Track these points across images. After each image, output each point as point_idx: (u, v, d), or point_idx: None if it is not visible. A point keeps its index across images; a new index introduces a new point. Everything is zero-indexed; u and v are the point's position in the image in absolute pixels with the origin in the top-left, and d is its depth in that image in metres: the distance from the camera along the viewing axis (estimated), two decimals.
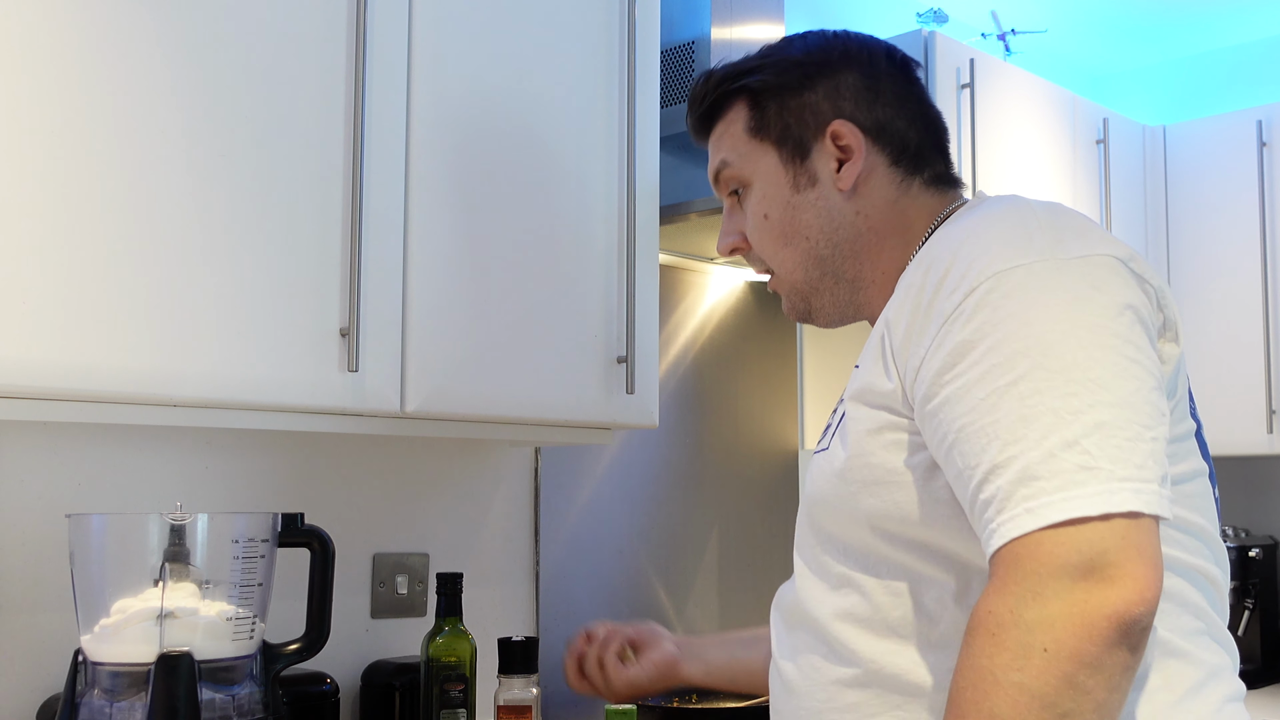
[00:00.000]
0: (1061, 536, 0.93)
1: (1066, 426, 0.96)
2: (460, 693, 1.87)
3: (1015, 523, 0.95)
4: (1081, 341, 0.99)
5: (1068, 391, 0.97)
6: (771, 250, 1.30)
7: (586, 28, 1.95)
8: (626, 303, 1.95)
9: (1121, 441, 0.96)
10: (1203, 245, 3.26)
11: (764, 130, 1.29)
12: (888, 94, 1.28)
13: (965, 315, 1.03)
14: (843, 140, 1.25)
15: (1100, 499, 0.94)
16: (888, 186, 1.26)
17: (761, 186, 1.29)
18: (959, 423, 1.01)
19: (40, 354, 1.37)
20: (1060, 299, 1.01)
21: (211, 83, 1.52)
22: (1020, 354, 0.99)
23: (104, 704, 1.38)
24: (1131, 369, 0.99)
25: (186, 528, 1.41)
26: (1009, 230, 1.07)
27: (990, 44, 3.19)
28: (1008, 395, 0.98)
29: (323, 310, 1.60)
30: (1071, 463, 0.95)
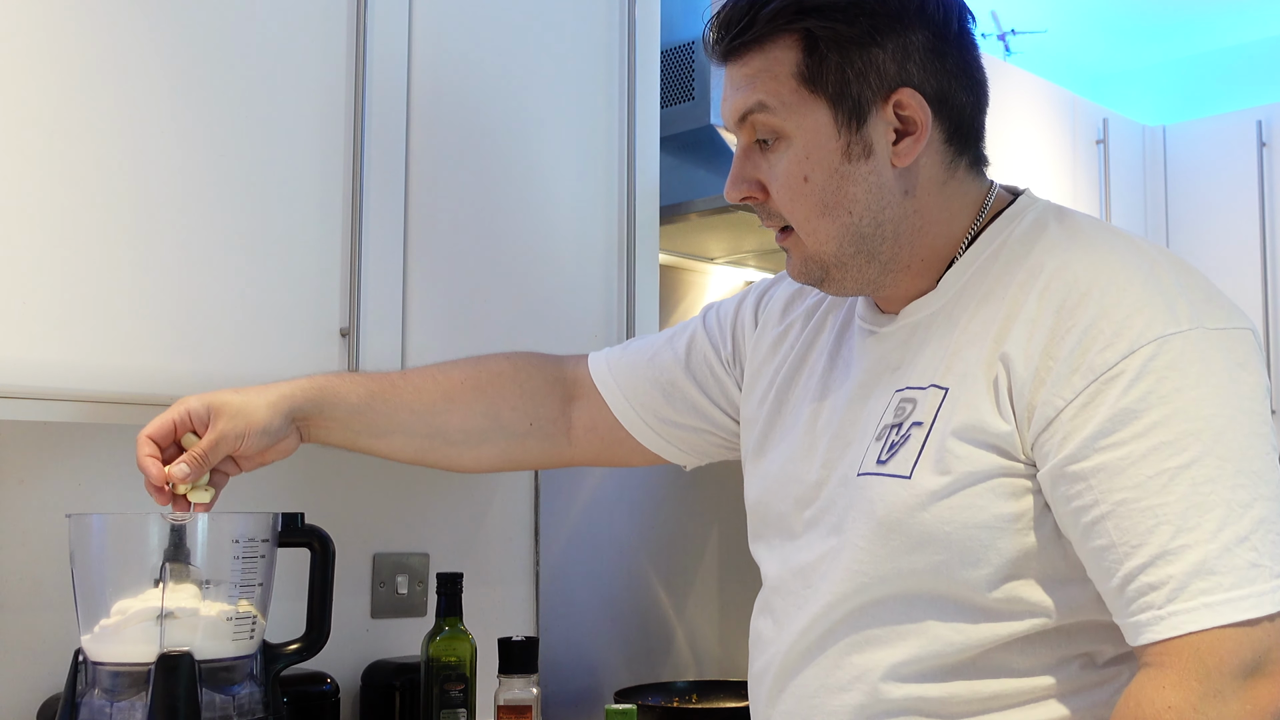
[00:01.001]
0: (1238, 635, 0.95)
1: (1238, 521, 0.97)
2: (460, 693, 1.87)
3: (1193, 616, 0.96)
4: (1243, 429, 0.99)
5: (1237, 483, 0.97)
6: (804, 215, 1.15)
7: (586, 28, 1.95)
8: (626, 303, 1.95)
9: (1276, 536, 0.98)
10: (1203, 245, 3.26)
11: (819, 82, 1.12)
12: (954, 60, 1.14)
13: (1126, 379, 1.00)
14: (905, 111, 1.12)
15: (1269, 598, 0.96)
16: (938, 167, 1.15)
17: (806, 146, 1.13)
18: (1119, 495, 0.99)
19: (40, 354, 1.37)
20: (1220, 380, 1.00)
21: (211, 82, 1.52)
22: (1191, 435, 0.98)
23: (104, 704, 1.38)
24: (1274, 458, 1.01)
25: (186, 528, 1.41)
26: (1148, 284, 1.04)
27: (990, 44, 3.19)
28: (1180, 478, 0.97)
29: (323, 310, 1.59)
30: (1244, 559, 0.96)
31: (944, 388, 1.11)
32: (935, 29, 1.13)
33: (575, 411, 1.47)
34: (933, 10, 1.13)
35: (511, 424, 1.44)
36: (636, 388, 1.43)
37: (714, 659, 2.54)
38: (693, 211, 2.23)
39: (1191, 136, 3.31)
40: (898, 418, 1.14)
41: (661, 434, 1.44)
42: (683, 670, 2.48)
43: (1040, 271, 1.09)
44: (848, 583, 1.15)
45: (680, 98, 2.38)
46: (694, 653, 2.51)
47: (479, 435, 1.44)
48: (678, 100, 2.37)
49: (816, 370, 1.27)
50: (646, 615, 2.45)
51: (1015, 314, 1.08)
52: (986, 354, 1.08)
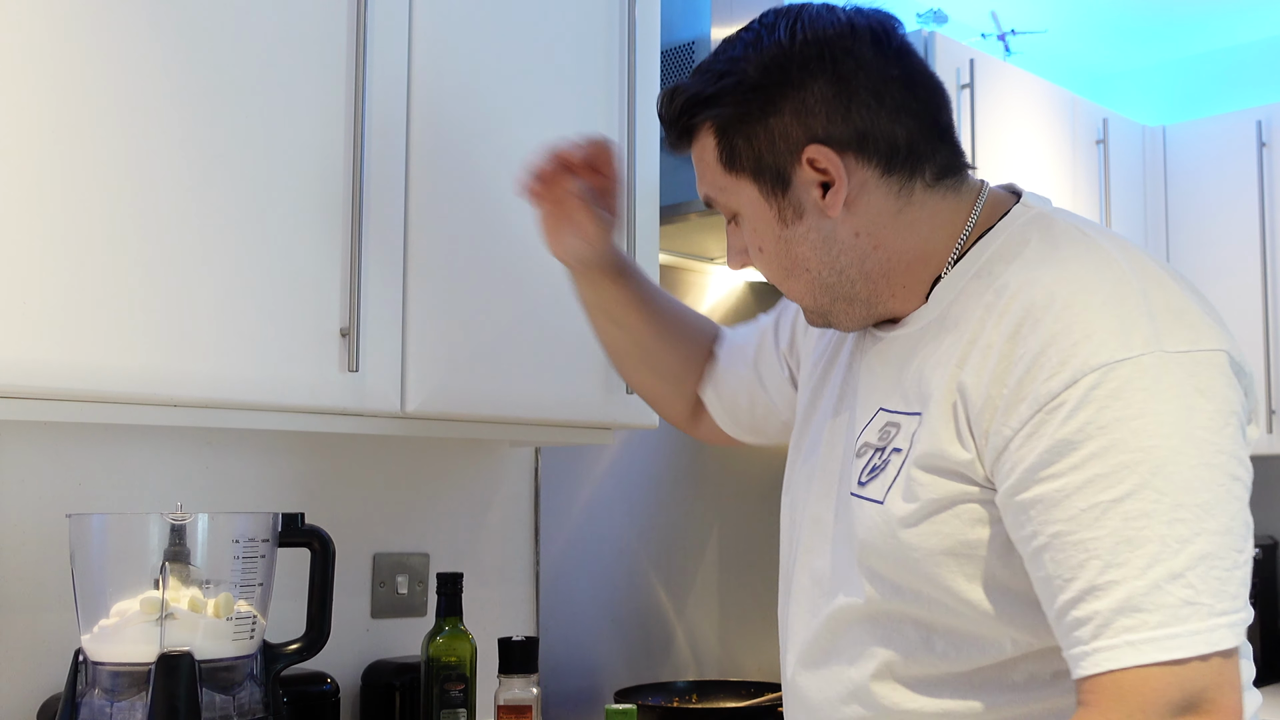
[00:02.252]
0: (1166, 674, 0.94)
1: (1173, 557, 0.94)
2: (460, 693, 1.87)
3: (1115, 654, 0.95)
4: (1189, 460, 0.96)
5: (1175, 517, 0.95)
6: (776, 279, 1.22)
7: (586, 28, 1.95)
8: None
9: (1221, 573, 0.95)
10: (1202, 245, 3.26)
11: (737, 164, 1.17)
12: (863, 93, 1.12)
13: (1067, 409, 0.98)
14: (820, 165, 1.13)
15: (1201, 638, 0.94)
16: (885, 198, 1.14)
17: (750, 220, 1.19)
18: (1054, 528, 0.99)
19: (40, 354, 1.37)
20: (1169, 407, 0.97)
21: (212, 82, 1.52)
22: (1128, 468, 0.96)
23: (104, 704, 1.38)
24: (1234, 489, 0.98)
25: (186, 528, 1.41)
26: (1108, 305, 1.01)
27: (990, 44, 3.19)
28: (1112, 512, 0.96)
29: (323, 310, 1.60)
30: (1176, 597, 0.94)
31: (919, 413, 1.12)
32: (829, 72, 1.12)
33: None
34: (818, 56, 1.13)
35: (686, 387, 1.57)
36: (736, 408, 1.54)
37: (714, 659, 2.54)
38: (693, 211, 2.23)
39: (1191, 136, 3.31)
40: (881, 440, 1.16)
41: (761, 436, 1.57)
42: (683, 670, 2.48)
43: (1004, 292, 1.08)
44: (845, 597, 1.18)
45: None
46: (694, 653, 2.51)
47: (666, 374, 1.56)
48: None
49: (840, 372, 1.30)
50: (646, 615, 2.45)
51: (975, 339, 1.08)
52: (947, 380, 1.09)
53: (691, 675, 2.48)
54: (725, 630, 2.57)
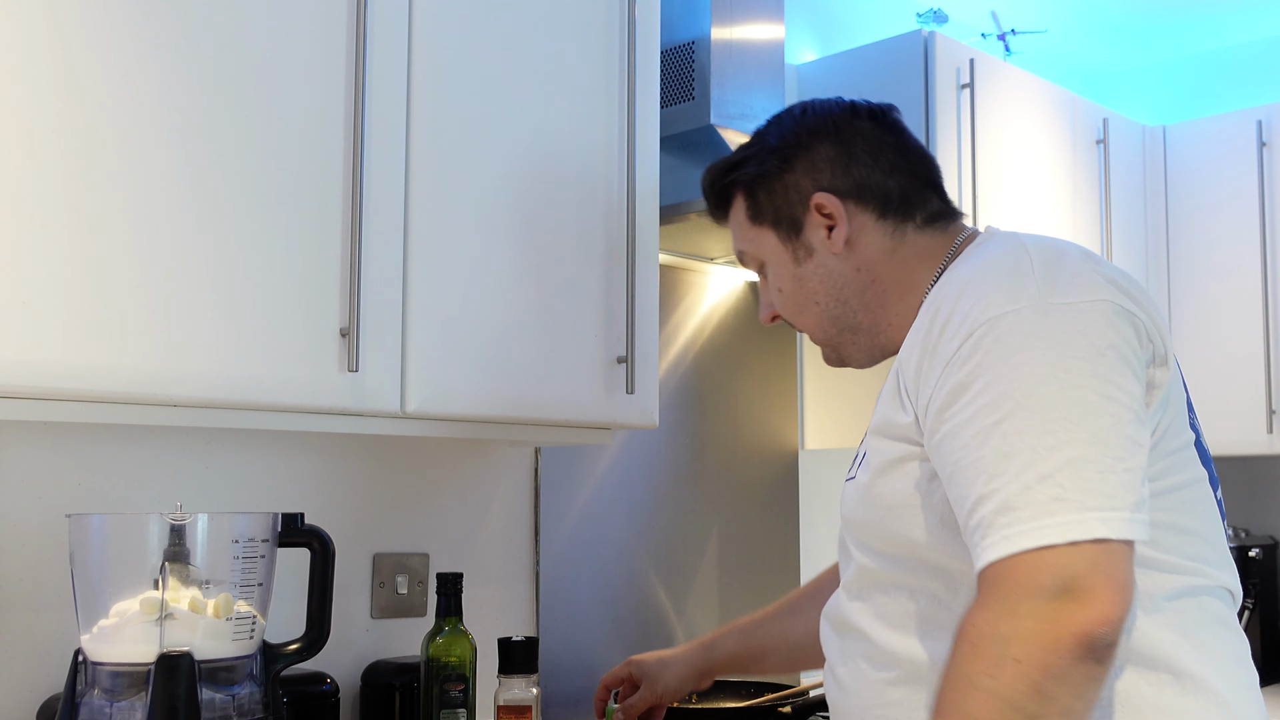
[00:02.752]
0: (1036, 560, 1.05)
1: (1043, 462, 1.07)
2: (460, 693, 1.87)
3: (995, 548, 1.07)
4: (1061, 383, 1.09)
5: (1045, 430, 1.08)
6: (793, 316, 1.45)
7: (586, 28, 1.95)
8: (626, 303, 1.95)
9: (1092, 474, 1.06)
10: (1203, 245, 3.26)
11: (760, 216, 1.43)
12: (860, 154, 1.39)
13: (962, 359, 1.14)
14: (826, 209, 1.38)
15: (1068, 528, 1.05)
16: (881, 239, 1.38)
17: (772, 265, 1.44)
18: (954, 457, 1.13)
19: (40, 354, 1.37)
20: (1043, 343, 1.11)
21: (211, 83, 1.52)
22: (1005, 396, 1.10)
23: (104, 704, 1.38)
24: (1108, 406, 1.09)
25: (186, 528, 1.41)
26: (1004, 276, 1.17)
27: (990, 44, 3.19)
28: (993, 434, 1.10)
29: (323, 310, 1.60)
30: (1045, 495, 1.06)
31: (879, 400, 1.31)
32: (833, 139, 1.40)
33: None
34: (824, 125, 1.41)
35: None
36: None
37: None
38: (693, 211, 2.23)
39: (1191, 136, 3.31)
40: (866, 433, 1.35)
41: None
42: None
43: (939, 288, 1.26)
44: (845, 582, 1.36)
45: (680, 98, 2.38)
46: None
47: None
48: (678, 100, 2.38)
49: None
50: (646, 615, 2.45)
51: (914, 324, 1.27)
52: (895, 363, 1.28)
53: None
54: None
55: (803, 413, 2.86)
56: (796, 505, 2.81)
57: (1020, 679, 1.02)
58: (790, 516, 2.80)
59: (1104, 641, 1.03)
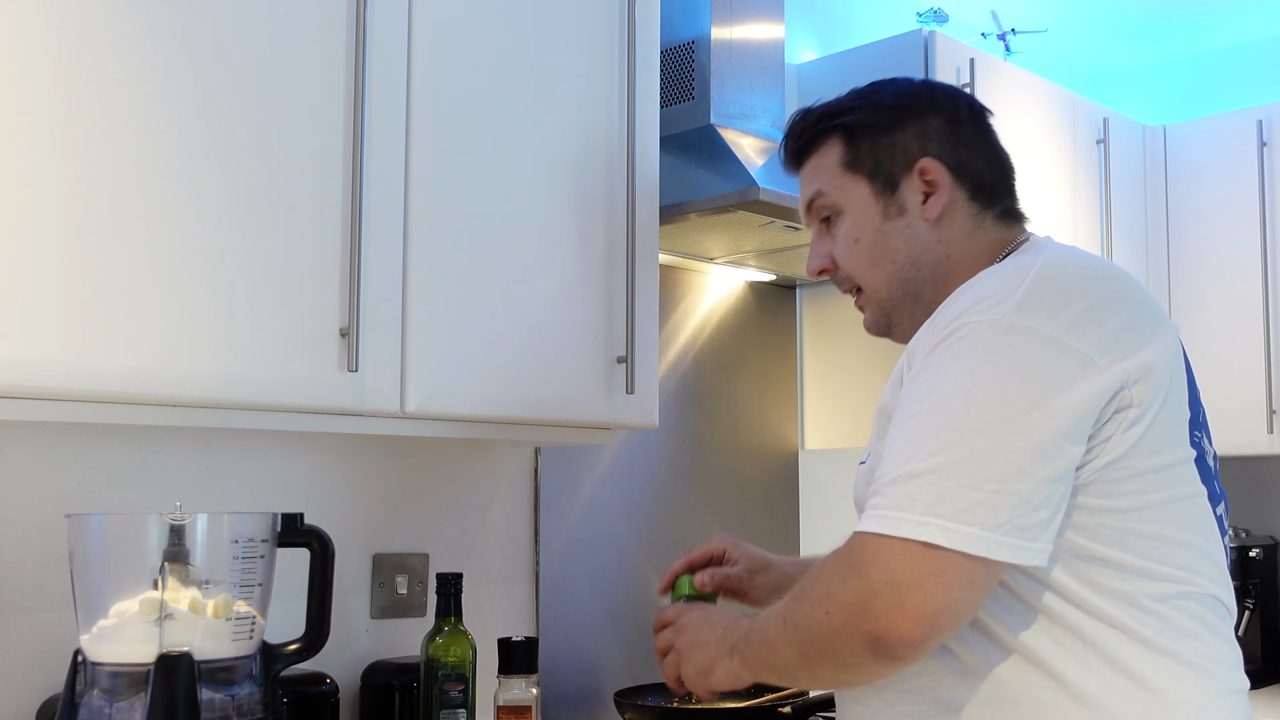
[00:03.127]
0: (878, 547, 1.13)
1: (919, 463, 1.14)
2: (460, 693, 1.87)
3: (861, 523, 1.16)
4: (969, 398, 1.15)
5: (931, 436, 1.14)
6: (860, 270, 1.43)
7: (586, 28, 1.95)
8: (626, 303, 1.95)
9: (952, 486, 1.11)
10: (1203, 245, 3.25)
11: (857, 164, 1.43)
12: (967, 137, 1.42)
13: (927, 352, 1.21)
14: (929, 175, 1.39)
15: (907, 525, 1.11)
16: (966, 218, 1.40)
17: (853, 215, 1.43)
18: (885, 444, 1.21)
19: (40, 354, 1.37)
20: (979, 357, 1.16)
21: (211, 83, 1.52)
22: (924, 396, 1.17)
23: (104, 704, 1.38)
24: (999, 429, 1.13)
25: (186, 528, 1.41)
26: (996, 285, 1.22)
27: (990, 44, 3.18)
28: (903, 427, 1.17)
29: (323, 310, 1.59)
30: (904, 491, 1.13)
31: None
32: (947, 116, 1.43)
33: None
34: (944, 103, 1.44)
35: None
36: None
37: None
38: (693, 211, 2.23)
39: (1191, 136, 3.31)
40: None
41: None
42: None
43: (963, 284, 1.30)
44: None
45: (680, 98, 2.38)
46: None
47: None
48: (678, 100, 2.37)
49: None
50: (646, 615, 2.45)
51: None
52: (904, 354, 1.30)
53: None
54: None
55: (803, 413, 2.86)
56: (796, 505, 2.81)
57: (823, 627, 1.16)
58: (790, 516, 2.80)
59: (895, 654, 1.12)
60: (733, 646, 1.30)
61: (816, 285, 2.83)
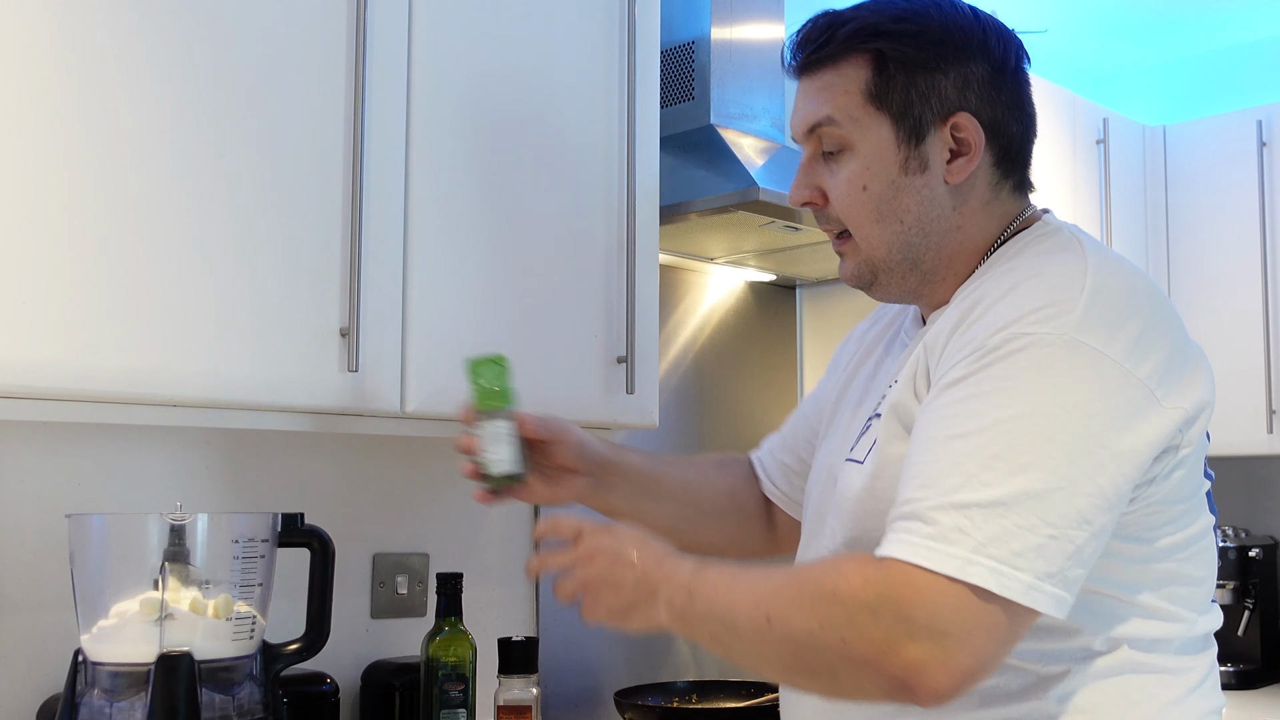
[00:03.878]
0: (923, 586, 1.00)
1: (973, 493, 1.02)
2: (460, 693, 1.87)
3: (891, 545, 1.04)
4: (1033, 429, 1.03)
5: (990, 466, 1.02)
6: (859, 221, 1.24)
7: (586, 28, 1.95)
8: (626, 303, 1.95)
9: (1009, 525, 1.01)
10: (1203, 245, 3.25)
11: (885, 100, 1.21)
12: (1009, 91, 1.23)
13: (967, 361, 1.08)
14: (962, 133, 1.21)
15: (954, 562, 1.00)
16: (985, 187, 1.24)
17: (867, 157, 1.22)
18: (913, 446, 1.09)
19: (40, 354, 1.37)
20: (1043, 384, 1.05)
21: (211, 82, 1.52)
22: (977, 414, 1.05)
23: (104, 704, 1.38)
24: (1067, 472, 1.02)
25: (186, 528, 1.41)
26: (1051, 294, 1.09)
27: None
28: (946, 446, 1.05)
29: (323, 310, 1.59)
30: (953, 522, 1.01)
31: (897, 380, 1.22)
32: (995, 63, 1.22)
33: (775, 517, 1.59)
34: (994, 46, 1.22)
35: (746, 503, 1.57)
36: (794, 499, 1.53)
37: (714, 659, 2.54)
38: (693, 211, 2.23)
39: (1191, 136, 3.31)
40: (875, 410, 1.25)
41: None
42: (683, 670, 2.48)
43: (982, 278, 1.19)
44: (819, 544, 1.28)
45: (680, 98, 2.38)
46: (694, 653, 2.51)
47: (720, 512, 1.56)
48: (678, 100, 2.38)
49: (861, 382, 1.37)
50: None
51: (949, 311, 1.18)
52: (919, 347, 1.19)
53: (691, 675, 2.48)
54: None
55: None
56: None
57: (831, 652, 1.03)
58: None
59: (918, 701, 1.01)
60: (667, 599, 1.14)
61: (816, 285, 2.83)
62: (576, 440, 1.47)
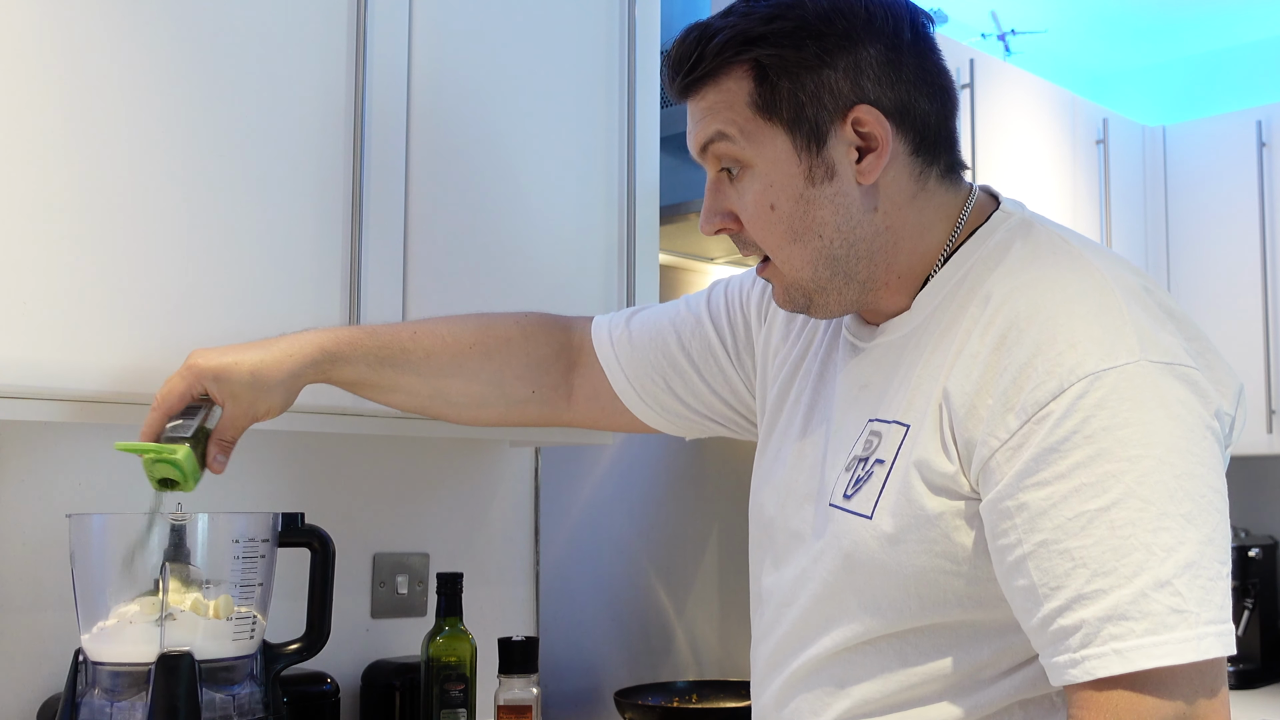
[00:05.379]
0: (1160, 691, 0.93)
1: (1159, 565, 0.94)
2: (460, 693, 1.87)
3: (1103, 662, 0.94)
4: (1174, 470, 0.96)
5: (1160, 526, 0.94)
6: (775, 244, 1.15)
7: (586, 28, 1.95)
8: (626, 303, 1.95)
9: (1206, 582, 0.94)
10: (1202, 245, 3.26)
11: (773, 110, 1.11)
12: (911, 68, 1.12)
13: (1054, 418, 0.98)
14: (865, 127, 1.10)
15: (1189, 646, 0.93)
16: (907, 180, 1.13)
17: (768, 174, 1.12)
18: (1039, 536, 0.98)
19: (40, 354, 1.37)
20: (1152, 417, 0.97)
21: (212, 82, 1.52)
22: (1113, 476, 0.95)
23: (104, 704, 1.38)
24: (1214, 500, 0.97)
25: (186, 528, 1.41)
26: (1095, 318, 1.01)
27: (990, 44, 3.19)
28: (1098, 521, 0.95)
29: (323, 309, 1.59)
30: (1163, 605, 0.93)
31: (906, 424, 1.11)
32: (887, 40, 1.11)
33: (578, 379, 1.47)
34: (881, 22, 1.11)
35: (514, 391, 1.44)
36: (638, 368, 1.42)
37: (714, 659, 2.54)
38: (693, 211, 2.23)
39: (1191, 136, 3.31)
40: (866, 450, 1.14)
41: (661, 413, 1.45)
42: (683, 670, 2.48)
43: (989, 301, 1.08)
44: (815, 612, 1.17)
45: None
46: (694, 653, 2.51)
47: (480, 399, 1.45)
48: None
49: (809, 379, 1.28)
50: (646, 615, 2.45)
51: (961, 349, 1.07)
52: (937, 392, 1.08)
53: (691, 675, 2.48)
54: (725, 630, 2.57)
55: None
56: None
57: None
58: None
59: None
60: None
61: None
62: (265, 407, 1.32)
